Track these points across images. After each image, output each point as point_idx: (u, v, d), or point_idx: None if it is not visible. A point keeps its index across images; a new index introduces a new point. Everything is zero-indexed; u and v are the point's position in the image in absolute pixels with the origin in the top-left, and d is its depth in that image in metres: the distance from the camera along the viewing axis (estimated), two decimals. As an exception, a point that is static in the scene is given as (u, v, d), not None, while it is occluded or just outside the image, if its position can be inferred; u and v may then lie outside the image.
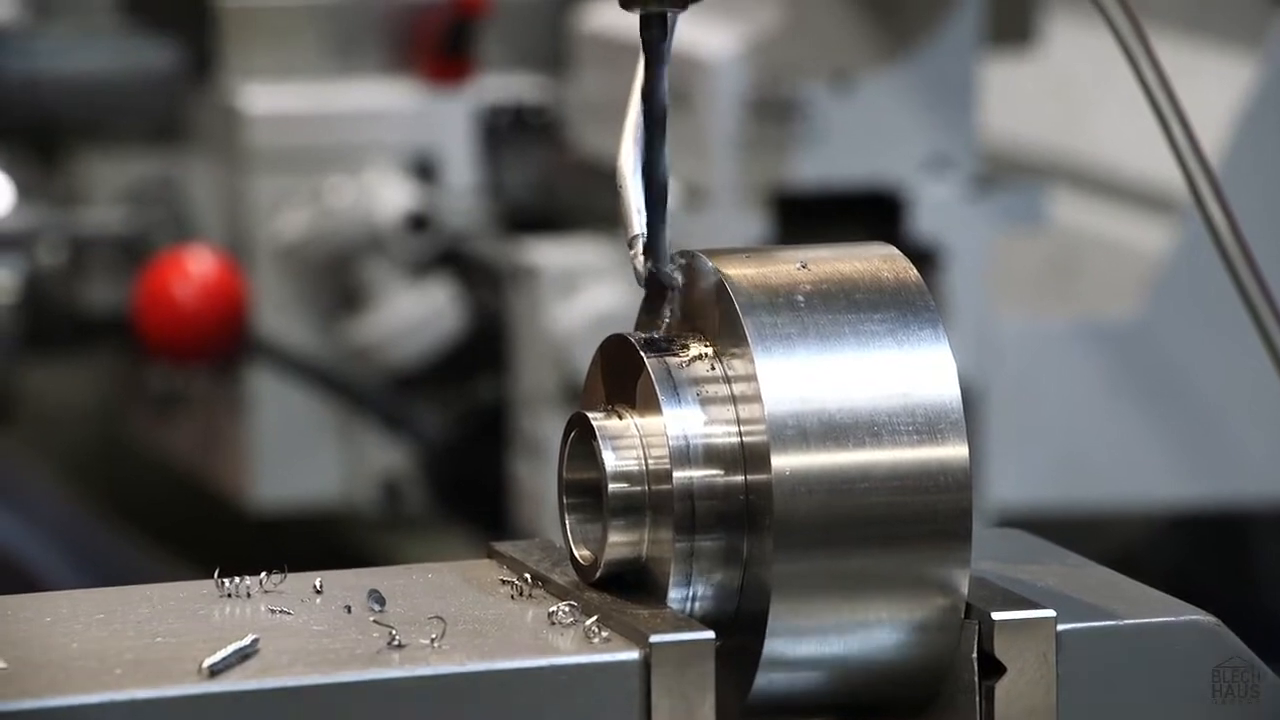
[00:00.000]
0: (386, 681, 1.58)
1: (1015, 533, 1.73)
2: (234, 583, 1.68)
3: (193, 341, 2.79)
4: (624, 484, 1.63)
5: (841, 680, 1.66)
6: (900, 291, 1.66)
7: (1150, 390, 2.62)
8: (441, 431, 2.76)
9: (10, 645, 1.60)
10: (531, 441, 2.59)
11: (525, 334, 2.62)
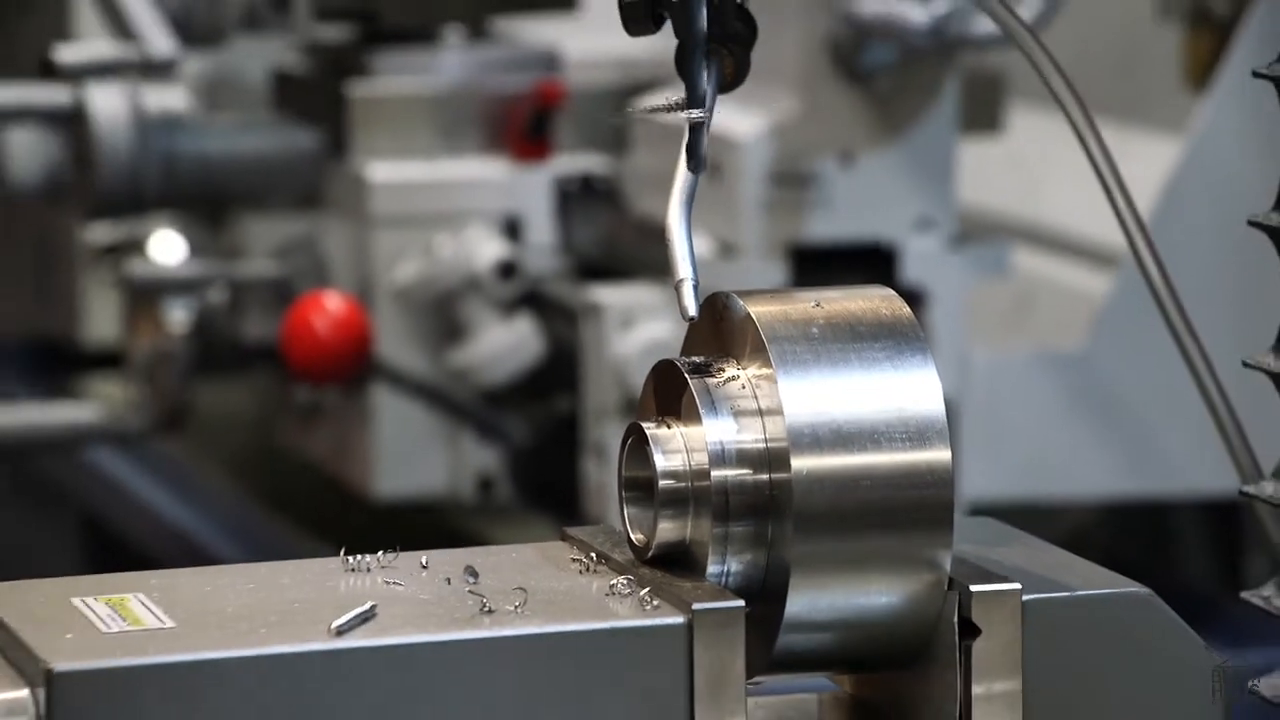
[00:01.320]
0: (478, 640, 1.56)
1: (987, 521, 1.71)
2: (357, 560, 1.66)
3: (328, 365, 2.78)
4: (671, 481, 1.61)
5: (848, 640, 1.63)
6: (895, 325, 1.63)
7: (1092, 406, 2.60)
8: (525, 437, 2.74)
9: (179, 608, 1.59)
10: (597, 446, 2.58)
11: (592, 359, 2.60)
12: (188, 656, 1.53)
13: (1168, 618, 1.65)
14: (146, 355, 2.97)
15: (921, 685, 1.65)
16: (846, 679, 1.72)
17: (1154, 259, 1.93)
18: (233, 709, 1.53)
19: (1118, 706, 1.65)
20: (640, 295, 2.62)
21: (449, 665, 1.56)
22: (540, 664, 1.57)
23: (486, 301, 2.78)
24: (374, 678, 1.55)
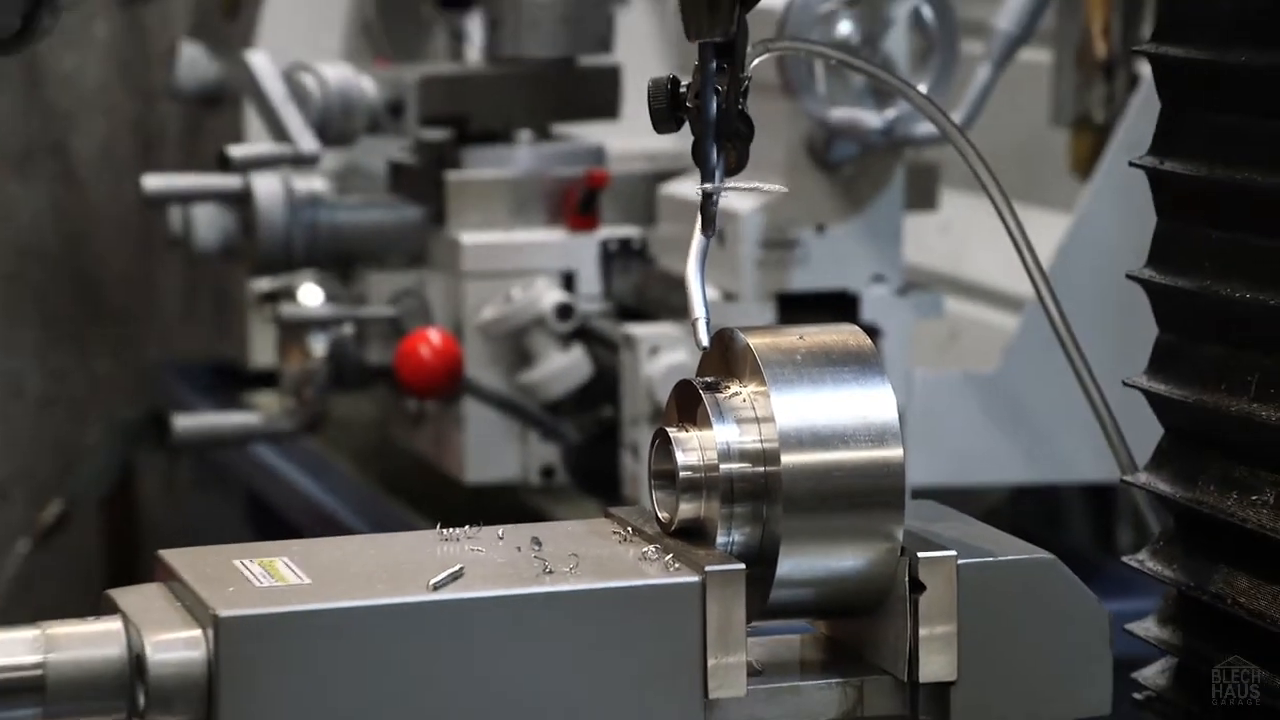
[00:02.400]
0: (541, 594, 1.54)
1: (929, 502, 1.68)
2: (450, 531, 1.63)
3: (430, 383, 2.77)
4: (689, 473, 1.58)
5: (824, 594, 1.60)
6: (859, 353, 1.60)
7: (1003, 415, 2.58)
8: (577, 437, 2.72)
9: (316, 568, 1.57)
10: (632, 445, 2.56)
11: (628, 379, 2.58)
12: (318, 605, 1.51)
13: (1067, 577, 1.61)
14: (295, 375, 2.97)
15: (880, 628, 1.61)
16: (822, 624, 1.68)
17: (1053, 302, 1.90)
18: (350, 645, 1.50)
19: (1029, 645, 1.61)
20: (665, 330, 2.59)
21: (518, 613, 1.53)
22: (588, 612, 1.54)
23: (549, 335, 2.77)
24: (460, 623, 1.52)
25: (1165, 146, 1.78)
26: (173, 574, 1.56)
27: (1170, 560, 1.78)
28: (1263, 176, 1.66)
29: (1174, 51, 1.77)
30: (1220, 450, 1.74)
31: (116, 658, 1.50)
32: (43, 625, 1.50)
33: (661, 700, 1.54)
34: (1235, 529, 1.69)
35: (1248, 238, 1.69)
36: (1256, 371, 1.68)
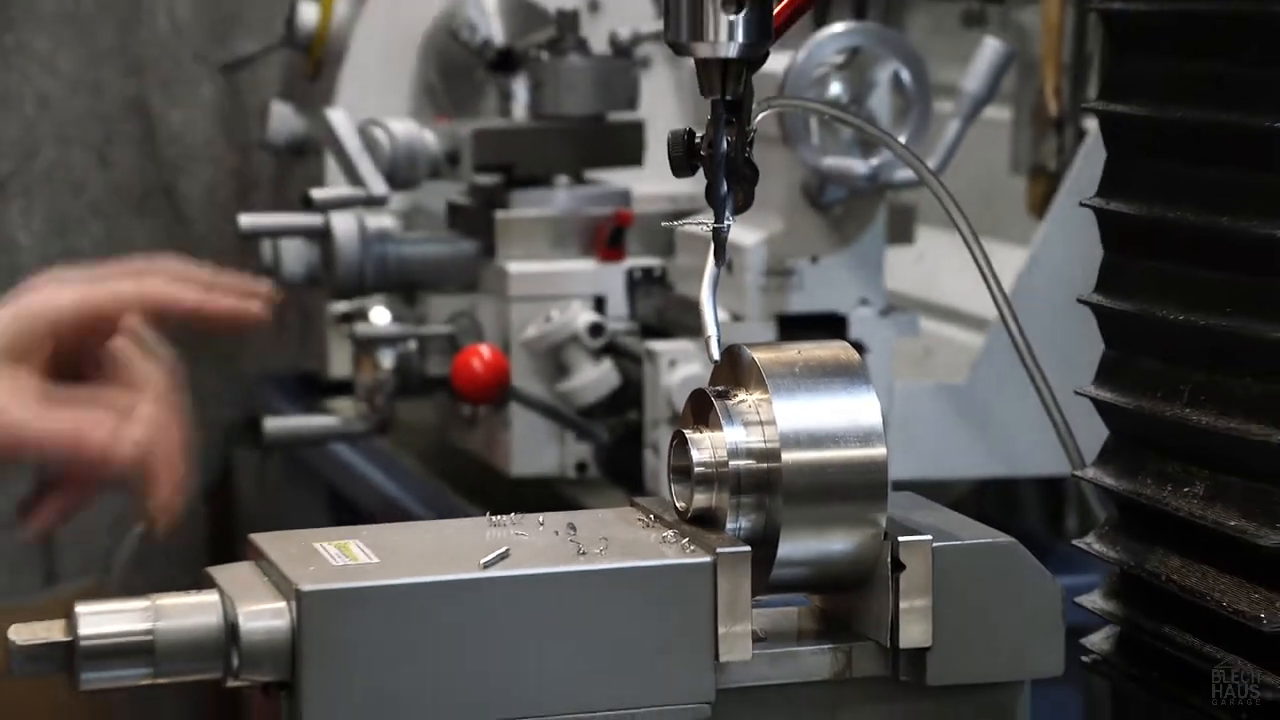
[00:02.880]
0: (575, 572, 1.53)
1: (908, 494, 1.66)
2: (498, 518, 1.62)
3: (481, 391, 2.76)
4: (703, 468, 1.57)
5: (818, 573, 1.59)
6: (849, 366, 1.59)
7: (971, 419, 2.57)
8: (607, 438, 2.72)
9: (384, 549, 1.57)
10: (654, 444, 2.57)
11: (650, 388, 2.58)
12: (385, 581, 1.50)
13: (1025, 557, 1.60)
14: (366, 384, 2.97)
15: (866, 601, 1.60)
16: (816, 598, 1.67)
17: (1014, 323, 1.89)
18: (412, 615, 1.50)
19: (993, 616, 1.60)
20: (682, 346, 2.59)
21: (556, 589, 1.52)
22: (616, 588, 1.53)
23: (582, 350, 2.76)
24: (506, 597, 1.51)
25: (1111, 190, 1.77)
26: (262, 554, 1.56)
27: (1113, 543, 1.77)
28: (1195, 216, 1.66)
29: (1119, 109, 1.76)
30: (1157, 450, 1.73)
31: (215, 626, 1.49)
32: (153, 597, 1.50)
33: (678, 663, 1.53)
34: (1169, 517, 1.68)
35: (1182, 269, 1.68)
36: (1189, 383, 1.67)
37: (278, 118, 3.90)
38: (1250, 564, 1.61)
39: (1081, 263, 1.86)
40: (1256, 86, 1.58)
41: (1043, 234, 2.52)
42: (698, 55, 1.62)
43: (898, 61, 2.43)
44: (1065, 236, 2.47)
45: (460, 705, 1.50)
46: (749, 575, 1.53)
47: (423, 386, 2.98)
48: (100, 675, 1.48)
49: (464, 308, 3.00)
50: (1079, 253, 2.00)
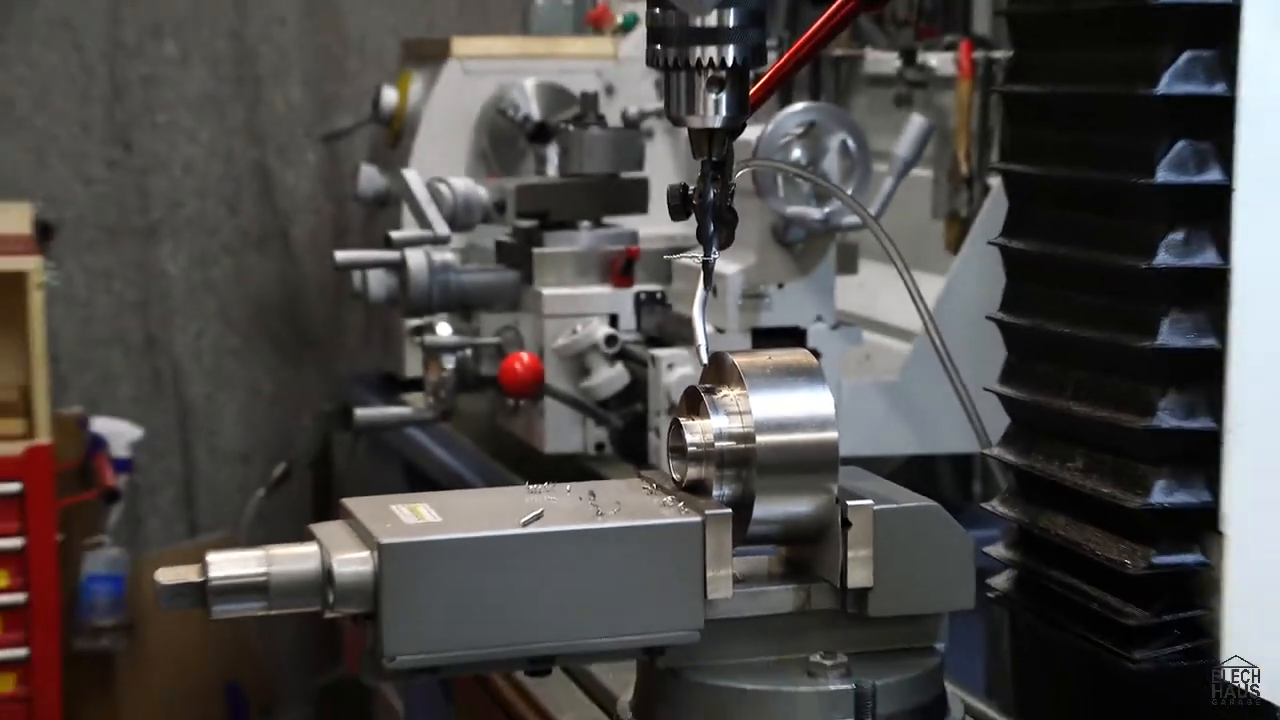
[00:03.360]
0: (595, 529, 1.52)
1: (853, 468, 1.64)
2: (534, 487, 1.61)
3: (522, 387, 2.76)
4: (694, 448, 1.57)
5: (785, 530, 1.58)
6: (809, 368, 1.57)
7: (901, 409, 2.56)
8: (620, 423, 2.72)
9: (445, 511, 1.55)
10: (656, 429, 2.57)
11: (653, 385, 2.58)
12: (446, 536, 1.49)
13: (944, 516, 1.59)
14: (433, 382, 2.97)
15: (822, 551, 1.58)
16: (783, 548, 1.65)
17: (936, 334, 1.88)
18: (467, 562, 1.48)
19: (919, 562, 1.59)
20: (678, 353, 2.58)
21: (580, 542, 1.50)
22: (627, 541, 1.51)
23: (600, 356, 2.76)
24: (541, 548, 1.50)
25: (1011, 232, 1.76)
26: (351, 515, 1.54)
27: (1012, 506, 1.76)
28: (1077, 253, 1.65)
29: (1016, 168, 1.75)
30: (1047, 434, 1.72)
31: (315, 570, 1.48)
32: (267, 548, 1.49)
33: (675, 599, 1.51)
34: (1056, 485, 1.67)
35: (1067, 294, 1.68)
36: (1071, 382, 1.67)
37: (365, 177, 3.89)
38: (1119, 522, 1.60)
39: (988, 289, 1.85)
40: (1120, 153, 1.58)
41: (957, 266, 2.51)
42: (690, 126, 1.62)
43: (845, 132, 2.42)
44: (974, 268, 2.45)
45: (503, 632, 1.49)
46: (730, 531, 1.52)
47: (477, 384, 2.98)
48: (227, 607, 1.48)
49: (509, 323, 2.99)
50: (985, 281, 1.99)
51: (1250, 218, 1.49)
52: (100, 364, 4.66)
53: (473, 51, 3.84)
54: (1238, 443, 1.51)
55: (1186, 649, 1.56)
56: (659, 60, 1.60)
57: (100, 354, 4.66)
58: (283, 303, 4.78)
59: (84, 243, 4.62)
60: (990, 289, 1.81)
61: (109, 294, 4.66)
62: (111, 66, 4.63)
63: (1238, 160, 1.49)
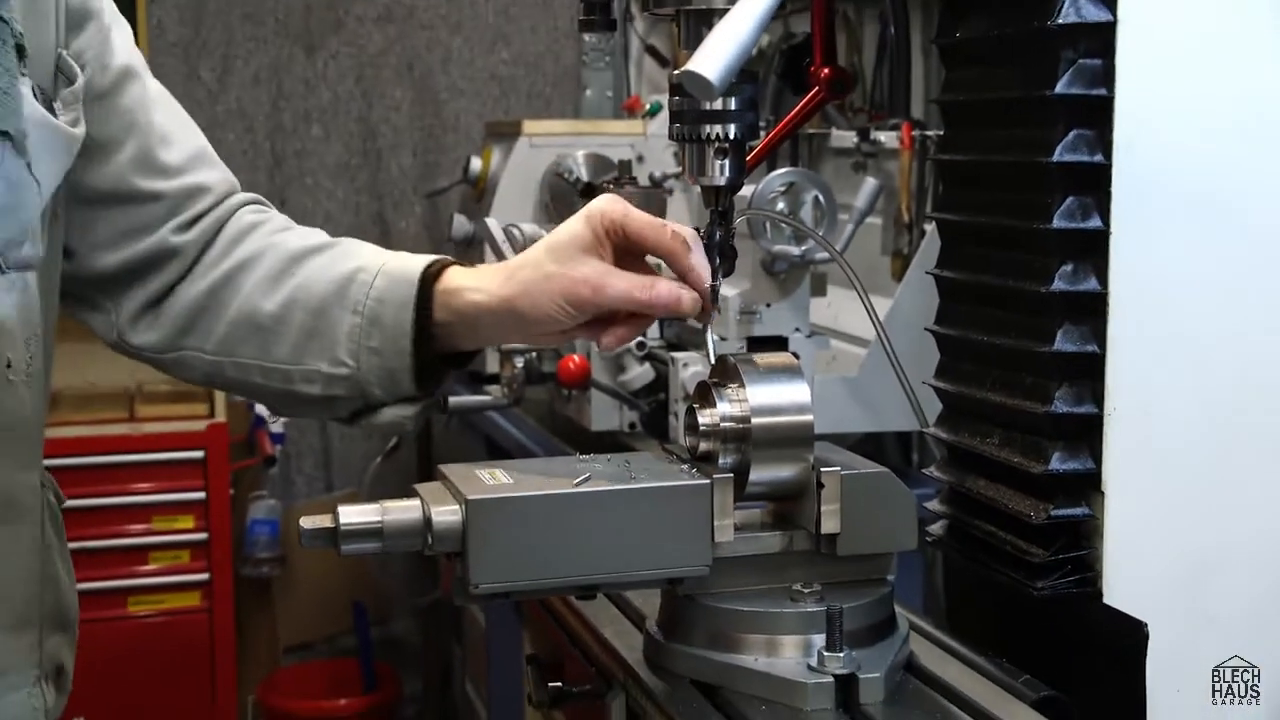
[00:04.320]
0: (630, 489, 1.49)
1: (825, 443, 1.63)
2: (584, 457, 1.59)
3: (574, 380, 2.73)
4: (705, 428, 1.54)
5: (774, 490, 1.55)
6: (792, 367, 1.55)
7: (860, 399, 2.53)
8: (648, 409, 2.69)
9: (516, 474, 1.51)
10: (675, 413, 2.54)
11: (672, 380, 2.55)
12: (517, 494, 1.46)
13: (894, 479, 1.57)
14: (508, 376, 2.94)
15: (801, 506, 1.56)
16: (772, 504, 1.62)
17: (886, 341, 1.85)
18: (533, 514, 1.46)
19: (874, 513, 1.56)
20: (691, 356, 2.55)
21: (618, 498, 1.47)
22: (654, 498, 1.48)
23: (633, 357, 2.73)
24: (590, 503, 1.47)
25: (944, 264, 1.73)
26: (445, 477, 1.52)
27: (945, 471, 1.73)
28: (993, 280, 1.63)
29: (948, 217, 1.72)
30: (972, 416, 1.69)
31: (418, 518, 1.46)
32: (383, 502, 1.47)
33: (690, 542, 1.49)
34: (979, 456, 1.65)
35: (986, 311, 1.65)
36: (990, 378, 1.64)
37: (457, 223, 3.87)
38: (1026, 484, 1.58)
39: (923, 308, 1.82)
40: (1026, 206, 1.55)
41: (900, 291, 2.48)
42: (702, 185, 1.59)
43: (817, 190, 2.39)
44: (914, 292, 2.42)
45: (560, 566, 1.46)
46: (732, 491, 1.50)
47: (540, 378, 2.95)
48: (352, 547, 1.46)
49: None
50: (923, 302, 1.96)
51: (1122, 255, 1.48)
52: (261, 363, 4.67)
53: (538, 131, 3.82)
54: (1113, 424, 1.50)
55: (1076, 579, 1.53)
56: (678, 135, 1.57)
57: (261, 356, 4.67)
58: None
59: (249, 273, 4.63)
60: (926, 308, 1.79)
61: (267, 311, 4.67)
62: (273, 144, 4.63)
63: (1113, 212, 1.49)
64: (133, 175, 1.51)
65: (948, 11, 1.69)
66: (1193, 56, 1.46)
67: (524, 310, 1.53)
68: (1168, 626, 1.48)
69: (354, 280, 1.55)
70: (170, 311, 1.55)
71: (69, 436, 3.76)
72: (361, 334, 1.54)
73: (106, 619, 3.80)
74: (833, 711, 1.45)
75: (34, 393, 1.42)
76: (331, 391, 1.56)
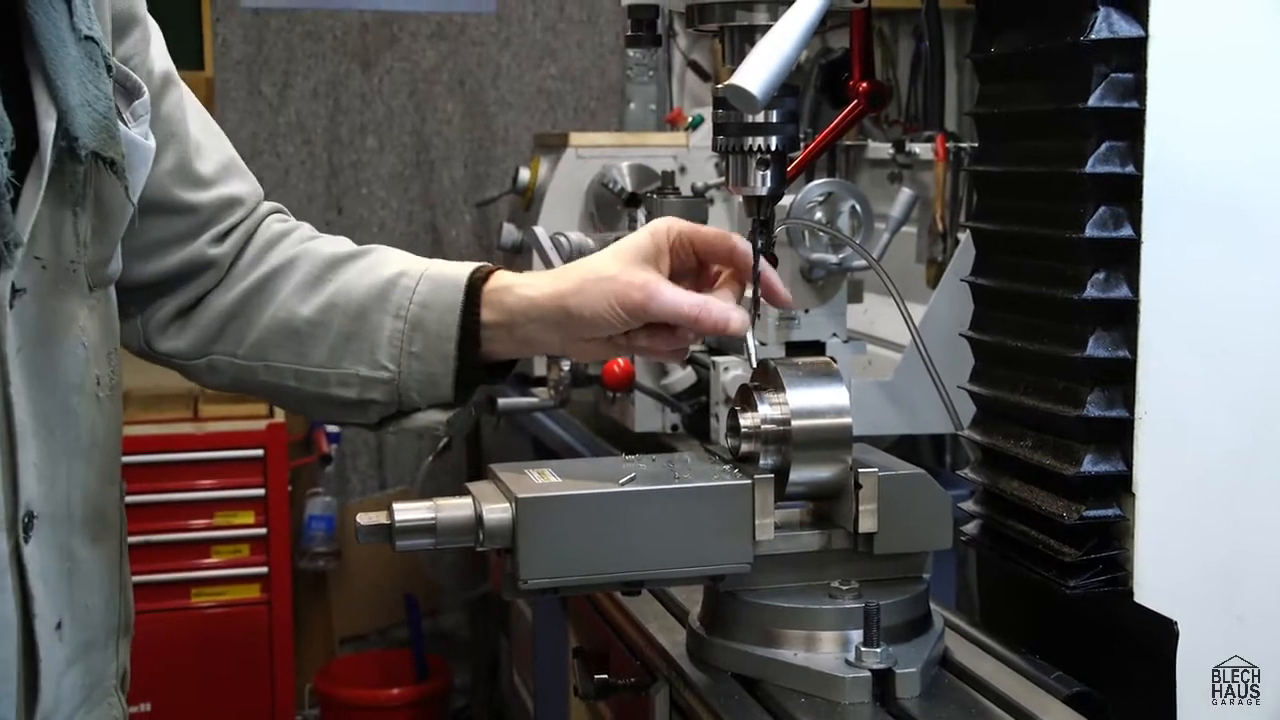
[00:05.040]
0: (675, 489, 1.48)
1: (862, 445, 1.61)
2: (629, 457, 1.59)
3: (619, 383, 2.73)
4: (747, 429, 1.53)
5: (813, 490, 1.54)
6: (830, 371, 1.54)
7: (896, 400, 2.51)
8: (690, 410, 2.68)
9: (564, 474, 1.51)
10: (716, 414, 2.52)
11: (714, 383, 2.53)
12: (565, 492, 1.46)
13: (930, 480, 1.56)
14: (554, 379, 2.94)
15: (840, 505, 1.55)
16: (811, 503, 1.61)
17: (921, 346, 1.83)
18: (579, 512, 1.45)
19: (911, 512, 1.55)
20: (731, 360, 2.55)
21: (662, 498, 1.47)
22: (698, 498, 1.48)
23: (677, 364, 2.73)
24: (635, 502, 1.46)
25: (979, 272, 1.72)
26: (495, 476, 1.52)
27: (980, 473, 1.72)
28: (1026, 287, 1.61)
29: (983, 226, 1.71)
30: (1005, 419, 1.68)
31: (470, 516, 1.46)
32: (436, 499, 1.47)
33: (732, 540, 1.48)
34: (1012, 458, 1.63)
35: (1019, 317, 1.64)
36: (1023, 382, 1.63)
37: (506, 232, 3.87)
38: (1058, 486, 1.56)
39: (956, 314, 1.81)
40: (1058, 215, 1.54)
41: (935, 297, 2.46)
42: (744, 195, 1.59)
43: (854, 200, 2.38)
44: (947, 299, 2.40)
45: (606, 562, 1.46)
46: (772, 491, 1.49)
47: (586, 381, 2.95)
48: (406, 543, 1.46)
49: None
50: (956, 308, 1.95)
51: (1152, 263, 1.47)
52: (318, 366, 4.69)
53: (584, 143, 3.82)
54: (1144, 427, 1.48)
55: (1107, 579, 1.52)
56: (722, 147, 1.57)
57: (318, 358, 4.70)
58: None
59: (307, 279, 4.66)
60: (958, 314, 1.78)
61: (324, 316, 4.70)
62: (330, 155, 4.66)
63: (1144, 222, 1.47)
64: (172, 186, 1.46)
65: (982, 27, 1.68)
66: (1223, 70, 1.45)
67: (574, 308, 1.49)
68: (1198, 625, 1.47)
69: (396, 285, 1.51)
70: (201, 319, 1.51)
71: (135, 435, 3.80)
72: (404, 339, 1.50)
73: (170, 610, 3.83)
74: (870, 705, 1.44)
75: (115, 406, 1.39)
76: (368, 395, 1.52)
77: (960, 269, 1.83)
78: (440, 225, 4.76)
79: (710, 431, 2.65)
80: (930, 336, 2.03)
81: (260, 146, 4.56)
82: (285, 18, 4.56)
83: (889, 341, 2.84)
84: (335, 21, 4.61)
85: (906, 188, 2.63)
